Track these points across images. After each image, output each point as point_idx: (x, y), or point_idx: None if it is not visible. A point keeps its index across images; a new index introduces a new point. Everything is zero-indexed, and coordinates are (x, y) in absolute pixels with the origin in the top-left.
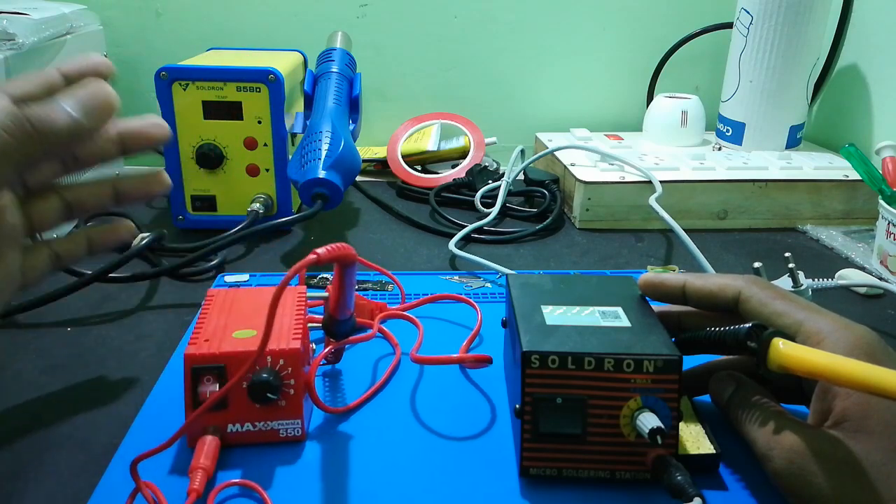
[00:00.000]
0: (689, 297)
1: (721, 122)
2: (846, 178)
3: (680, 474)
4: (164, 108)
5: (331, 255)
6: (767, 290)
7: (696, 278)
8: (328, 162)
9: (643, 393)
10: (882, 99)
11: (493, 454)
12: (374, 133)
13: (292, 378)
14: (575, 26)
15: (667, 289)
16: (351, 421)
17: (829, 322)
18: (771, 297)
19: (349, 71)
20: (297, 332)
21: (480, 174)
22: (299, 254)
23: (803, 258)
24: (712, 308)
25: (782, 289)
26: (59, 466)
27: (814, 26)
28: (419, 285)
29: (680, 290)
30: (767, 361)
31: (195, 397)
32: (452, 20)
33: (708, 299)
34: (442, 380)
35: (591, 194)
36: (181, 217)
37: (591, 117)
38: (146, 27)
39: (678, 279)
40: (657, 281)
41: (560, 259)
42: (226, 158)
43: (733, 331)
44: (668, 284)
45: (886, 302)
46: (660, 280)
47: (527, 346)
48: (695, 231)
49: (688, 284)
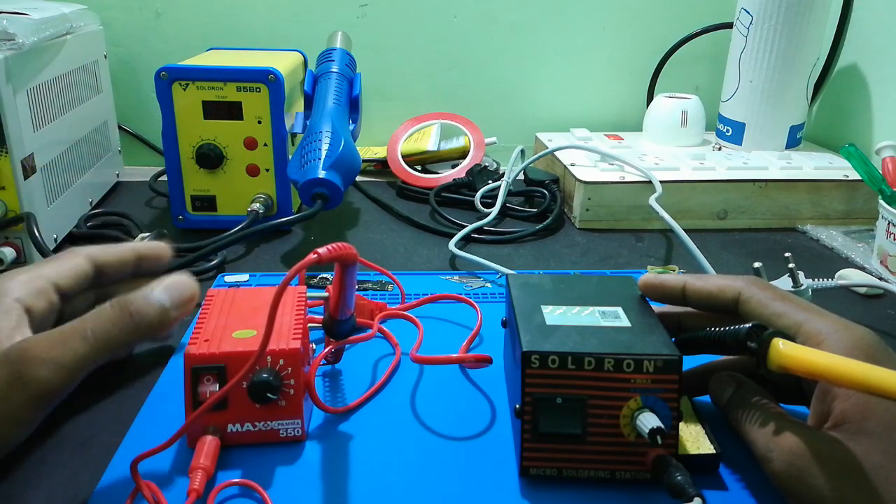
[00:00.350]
0: (689, 299)
1: (721, 122)
2: (846, 178)
3: (680, 474)
4: (164, 108)
5: (332, 254)
6: (767, 290)
7: (695, 279)
8: (328, 162)
9: (643, 393)
10: (882, 99)
11: (493, 454)
12: (374, 133)
13: (292, 378)
14: (575, 26)
15: (667, 290)
16: (351, 421)
17: (828, 323)
18: (770, 298)
19: (349, 71)
20: (297, 332)
21: (480, 174)
22: (299, 254)
23: (803, 258)
24: (712, 309)
25: (782, 290)
26: (59, 466)
27: (814, 26)
28: (419, 285)
29: (680, 291)
30: (767, 361)
31: (195, 397)
32: (452, 20)
33: (708, 300)
34: (442, 380)
35: (591, 194)
36: (181, 217)
37: (591, 117)
38: (146, 27)
39: (678, 280)
40: (657, 282)
41: (560, 259)
42: (226, 158)
43: (733, 331)
44: (668, 285)
45: (886, 302)
46: (660, 281)
47: (527, 346)
48: (695, 231)
49: (688, 285)
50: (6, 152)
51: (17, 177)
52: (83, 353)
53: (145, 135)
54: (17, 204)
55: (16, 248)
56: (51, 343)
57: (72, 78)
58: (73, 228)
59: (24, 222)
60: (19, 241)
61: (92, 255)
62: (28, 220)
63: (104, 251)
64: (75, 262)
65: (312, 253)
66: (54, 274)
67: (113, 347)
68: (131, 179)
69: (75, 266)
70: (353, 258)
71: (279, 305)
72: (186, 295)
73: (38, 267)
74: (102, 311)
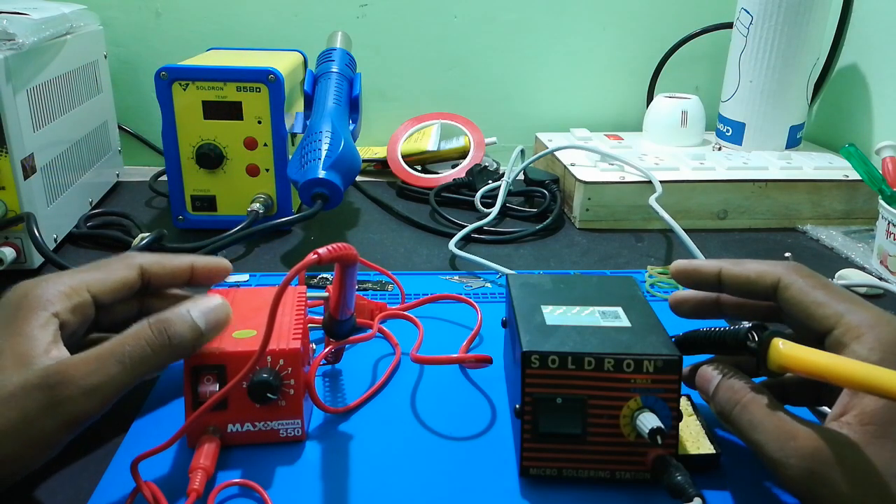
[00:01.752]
0: (725, 285)
1: (721, 122)
2: (846, 178)
3: (680, 474)
4: (164, 108)
5: (332, 255)
6: (809, 278)
7: (732, 264)
8: (328, 162)
9: (643, 393)
10: (882, 99)
11: (493, 454)
12: (374, 133)
13: (292, 378)
14: (575, 26)
15: (701, 275)
16: (351, 421)
17: (870, 316)
18: (811, 287)
19: (349, 71)
20: (297, 332)
21: (480, 174)
22: (299, 254)
23: (803, 258)
24: (749, 295)
25: (824, 278)
26: (60, 466)
27: (814, 26)
28: (419, 285)
29: (715, 276)
30: (767, 361)
31: (195, 397)
32: (452, 20)
33: (746, 286)
34: (442, 380)
35: (591, 194)
36: (181, 217)
37: (591, 117)
38: (146, 27)
39: (713, 265)
40: (691, 268)
41: (560, 259)
42: (226, 158)
43: (733, 331)
44: (704, 271)
45: (886, 302)
46: (693, 267)
47: (527, 346)
48: (695, 231)
49: (724, 271)
50: (6, 152)
51: (17, 177)
52: (120, 379)
53: (145, 135)
54: (17, 204)
55: (16, 248)
56: (88, 368)
57: (72, 78)
58: (73, 228)
59: (24, 222)
60: (19, 241)
61: (146, 268)
62: (28, 220)
63: (161, 264)
64: (124, 274)
65: (313, 253)
66: (98, 286)
67: (147, 371)
68: (131, 179)
69: (123, 279)
70: (353, 258)
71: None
72: (222, 319)
73: (85, 273)
74: (141, 333)
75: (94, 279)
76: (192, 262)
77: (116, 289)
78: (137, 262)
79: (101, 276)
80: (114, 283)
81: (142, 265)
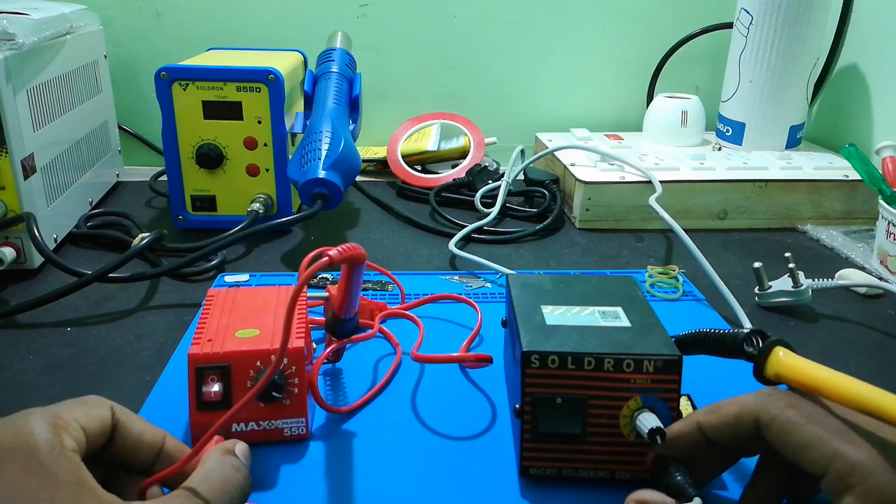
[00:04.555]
0: (710, 439)
1: (721, 122)
2: (846, 178)
3: (680, 474)
4: (164, 107)
5: (343, 256)
6: (789, 410)
7: (707, 415)
8: (328, 162)
9: (643, 393)
10: (882, 99)
11: (493, 454)
12: (374, 133)
13: (296, 377)
14: (575, 26)
15: (685, 440)
16: (353, 420)
17: (867, 457)
18: (794, 423)
19: (349, 71)
20: (301, 331)
21: (480, 174)
22: (299, 254)
23: (803, 258)
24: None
25: (806, 402)
26: None
27: (814, 26)
28: (419, 285)
29: (698, 433)
30: (765, 368)
31: (199, 397)
32: (452, 20)
33: (730, 434)
34: (442, 380)
35: (591, 194)
36: (181, 217)
37: (591, 117)
38: (146, 27)
39: (691, 424)
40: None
41: (560, 259)
42: (226, 158)
43: (732, 334)
44: (685, 435)
45: (886, 302)
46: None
47: (527, 346)
48: (695, 231)
49: (702, 424)
50: (6, 152)
51: (17, 177)
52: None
53: (145, 135)
54: (17, 204)
55: (16, 248)
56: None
57: (72, 78)
58: (73, 228)
59: (24, 222)
60: (19, 241)
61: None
62: (28, 220)
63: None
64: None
65: (324, 255)
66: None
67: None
68: (131, 179)
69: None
70: (362, 259)
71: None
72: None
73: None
74: None
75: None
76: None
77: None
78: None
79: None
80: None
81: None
